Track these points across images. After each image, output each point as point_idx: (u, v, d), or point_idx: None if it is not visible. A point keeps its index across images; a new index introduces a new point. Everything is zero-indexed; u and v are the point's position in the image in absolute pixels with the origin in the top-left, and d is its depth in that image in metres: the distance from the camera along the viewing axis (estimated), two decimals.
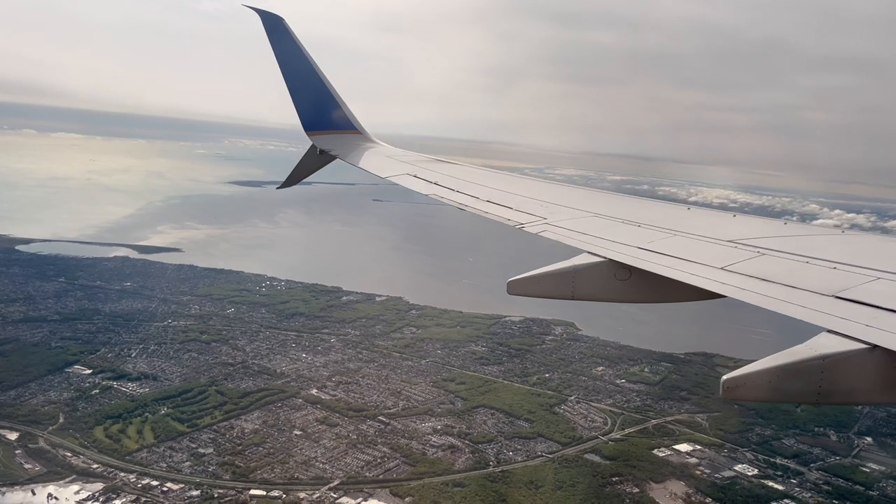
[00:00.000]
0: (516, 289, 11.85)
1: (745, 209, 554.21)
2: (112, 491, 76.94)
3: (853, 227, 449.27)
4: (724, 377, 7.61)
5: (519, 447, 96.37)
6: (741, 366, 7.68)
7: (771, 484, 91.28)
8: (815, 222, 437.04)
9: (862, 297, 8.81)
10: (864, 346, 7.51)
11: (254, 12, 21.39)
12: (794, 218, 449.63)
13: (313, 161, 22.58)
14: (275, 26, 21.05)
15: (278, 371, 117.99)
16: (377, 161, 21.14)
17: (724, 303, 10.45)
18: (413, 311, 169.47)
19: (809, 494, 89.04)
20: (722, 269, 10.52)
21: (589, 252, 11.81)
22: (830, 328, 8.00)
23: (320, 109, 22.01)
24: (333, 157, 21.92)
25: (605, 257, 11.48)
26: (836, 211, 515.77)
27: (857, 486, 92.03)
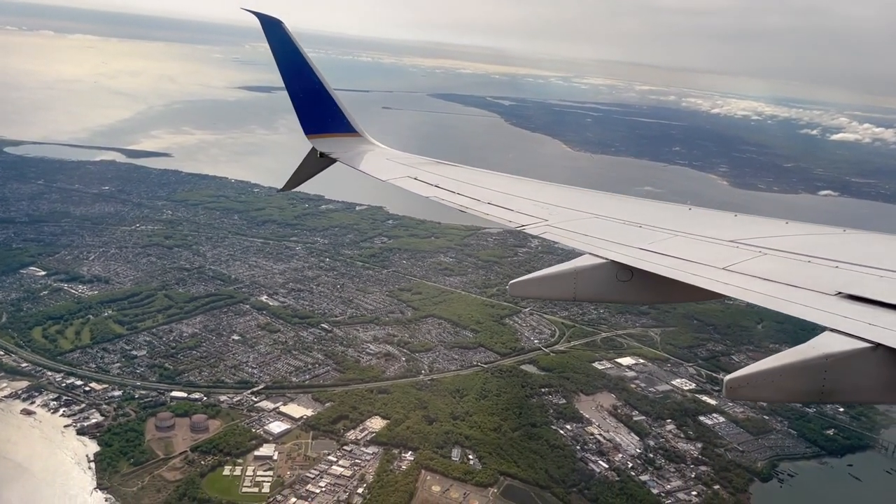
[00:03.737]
0: (517, 290, 11.77)
1: (768, 121, 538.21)
2: (35, 389, 78.51)
3: (876, 141, 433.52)
4: (728, 377, 7.73)
5: (456, 357, 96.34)
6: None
7: (705, 399, 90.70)
8: (836, 136, 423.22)
9: (864, 296, 8.86)
10: (866, 344, 7.56)
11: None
12: (816, 131, 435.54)
13: (314, 164, 22.38)
14: (274, 29, 20.81)
15: (233, 277, 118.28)
16: (377, 163, 21.25)
17: None
18: (390, 221, 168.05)
19: (741, 409, 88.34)
20: (724, 269, 10.56)
21: (590, 253, 11.77)
22: (833, 327, 8.03)
23: (320, 112, 21.97)
24: (334, 161, 21.85)
25: (606, 258, 11.47)
26: (865, 125, 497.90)
27: (797, 405, 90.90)
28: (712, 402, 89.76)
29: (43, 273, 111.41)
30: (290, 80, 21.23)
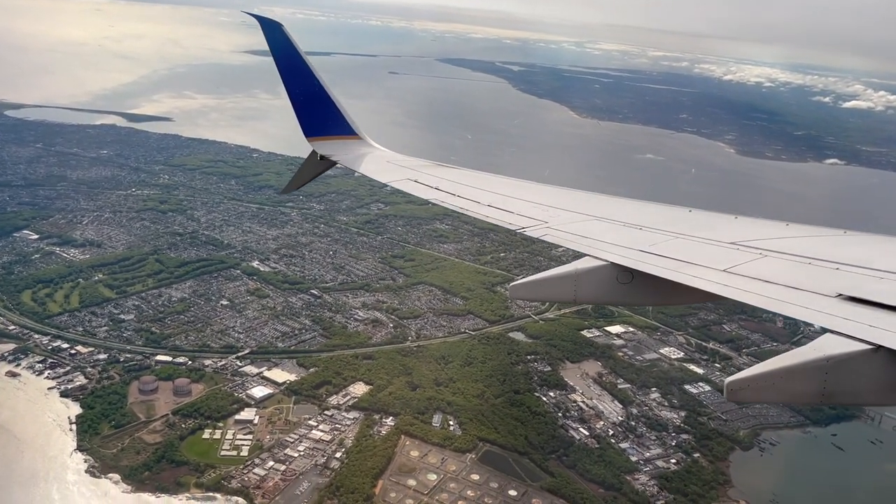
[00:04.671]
0: (517, 293, 11.93)
1: (781, 88, 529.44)
2: (22, 352, 79.12)
3: (889, 109, 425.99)
4: (728, 379, 7.79)
5: (444, 324, 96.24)
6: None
7: (693, 367, 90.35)
8: (848, 103, 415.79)
9: (865, 298, 8.84)
10: (867, 346, 7.55)
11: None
12: (829, 98, 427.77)
13: (314, 166, 22.50)
14: (274, 32, 20.74)
15: (225, 242, 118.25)
16: (378, 166, 21.25)
17: None
18: (387, 188, 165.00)
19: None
20: (724, 271, 10.55)
21: (591, 255, 11.81)
22: (834, 329, 8.05)
23: (320, 115, 21.90)
24: (334, 163, 21.91)
25: (606, 261, 11.51)
26: (881, 92, 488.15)
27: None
28: (699, 370, 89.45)
29: (36, 236, 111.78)
30: (290, 83, 21.27)
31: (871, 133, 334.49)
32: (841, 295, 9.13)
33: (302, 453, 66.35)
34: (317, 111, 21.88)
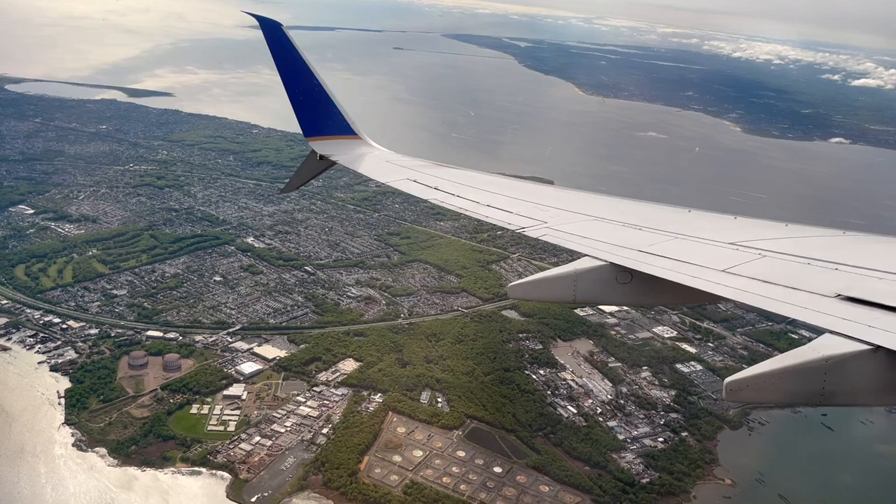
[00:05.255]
0: (517, 293, 11.87)
1: (791, 65, 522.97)
2: (13, 326, 79.44)
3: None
4: (728, 380, 7.81)
5: (437, 301, 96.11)
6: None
7: (685, 347, 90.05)
8: (857, 81, 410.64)
9: (864, 298, 8.85)
10: (866, 347, 7.57)
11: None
12: (838, 76, 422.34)
13: (313, 166, 22.51)
14: (273, 32, 20.63)
15: (221, 219, 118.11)
16: (377, 166, 21.26)
17: None
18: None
19: (720, 358, 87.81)
20: (723, 271, 10.55)
21: (590, 256, 11.84)
22: (833, 329, 8.06)
23: (320, 115, 21.86)
24: (334, 162, 21.84)
25: (606, 261, 11.53)
26: (892, 71, 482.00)
27: (776, 352, 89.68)
28: (692, 349, 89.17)
29: (31, 211, 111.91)
30: (290, 83, 21.26)
31: (879, 112, 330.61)
32: (840, 295, 9.12)
33: (289, 429, 66.60)
34: (316, 111, 21.88)
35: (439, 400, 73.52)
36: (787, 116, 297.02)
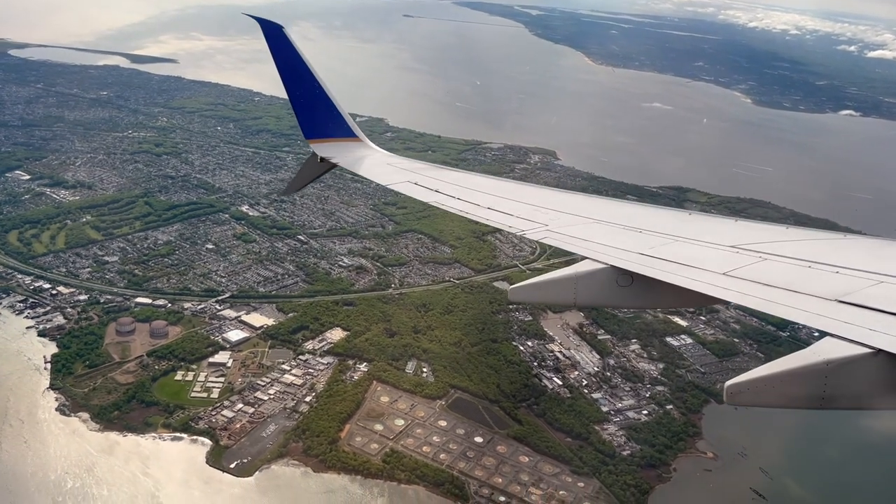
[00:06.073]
0: (517, 296, 11.86)
1: (807, 36, 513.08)
2: (3, 291, 79.90)
3: None
4: (728, 383, 7.86)
5: (430, 272, 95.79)
6: None
7: (676, 320, 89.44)
8: (873, 53, 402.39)
9: (864, 301, 8.85)
10: (867, 350, 7.57)
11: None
12: (855, 47, 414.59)
13: (314, 168, 22.60)
14: (275, 35, 20.78)
15: (217, 186, 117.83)
16: (378, 168, 21.40)
17: None
18: (387, 134, 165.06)
19: (712, 332, 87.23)
20: (724, 274, 10.55)
21: (591, 258, 11.89)
22: (833, 333, 8.07)
23: (320, 117, 21.95)
24: (334, 165, 21.92)
25: (606, 263, 11.54)
26: None
27: (769, 327, 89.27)
28: (683, 322, 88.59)
29: (27, 177, 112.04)
30: (291, 85, 21.43)
31: (895, 84, 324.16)
32: (840, 299, 9.11)
33: (272, 396, 66.88)
34: (317, 113, 21.97)
35: (424, 370, 73.54)
36: (801, 88, 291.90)
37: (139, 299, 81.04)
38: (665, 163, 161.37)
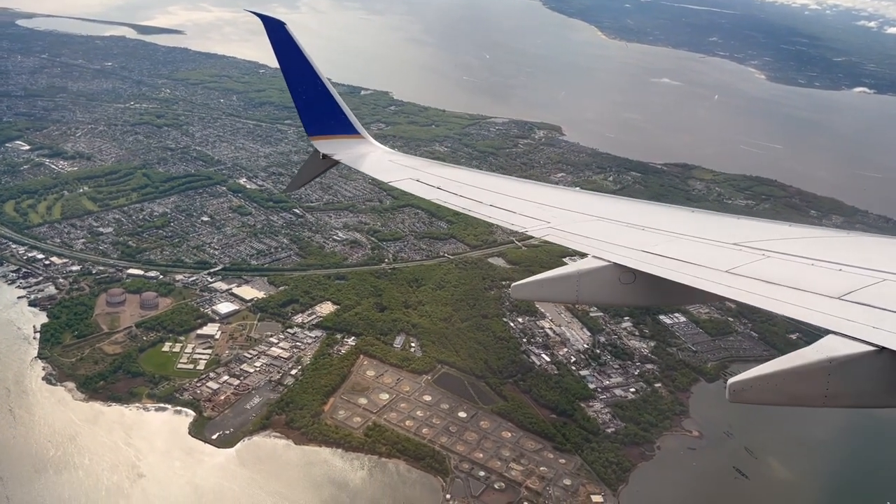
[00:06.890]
0: (519, 293, 11.79)
1: (827, 11, 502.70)
2: None
3: None
4: (731, 380, 7.66)
5: (424, 247, 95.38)
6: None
7: None
8: (893, 29, 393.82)
9: (868, 300, 8.85)
10: (870, 348, 7.54)
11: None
12: (875, 23, 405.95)
13: (316, 165, 22.57)
14: (277, 31, 20.49)
15: (216, 159, 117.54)
16: (380, 166, 21.41)
17: None
18: (392, 107, 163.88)
19: (706, 310, 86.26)
20: (727, 271, 10.55)
21: (593, 256, 11.84)
22: (837, 330, 8.02)
23: (323, 114, 21.81)
24: (337, 162, 21.80)
25: (609, 261, 11.54)
26: None
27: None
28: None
29: (27, 147, 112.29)
30: (293, 82, 21.15)
31: None
32: (844, 296, 9.04)
33: (258, 369, 67.11)
34: (319, 110, 21.76)
35: (413, 345, 73.47)
36: (818, 64, 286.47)
37: (131, 270, 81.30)
38: (672, 139, 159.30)
